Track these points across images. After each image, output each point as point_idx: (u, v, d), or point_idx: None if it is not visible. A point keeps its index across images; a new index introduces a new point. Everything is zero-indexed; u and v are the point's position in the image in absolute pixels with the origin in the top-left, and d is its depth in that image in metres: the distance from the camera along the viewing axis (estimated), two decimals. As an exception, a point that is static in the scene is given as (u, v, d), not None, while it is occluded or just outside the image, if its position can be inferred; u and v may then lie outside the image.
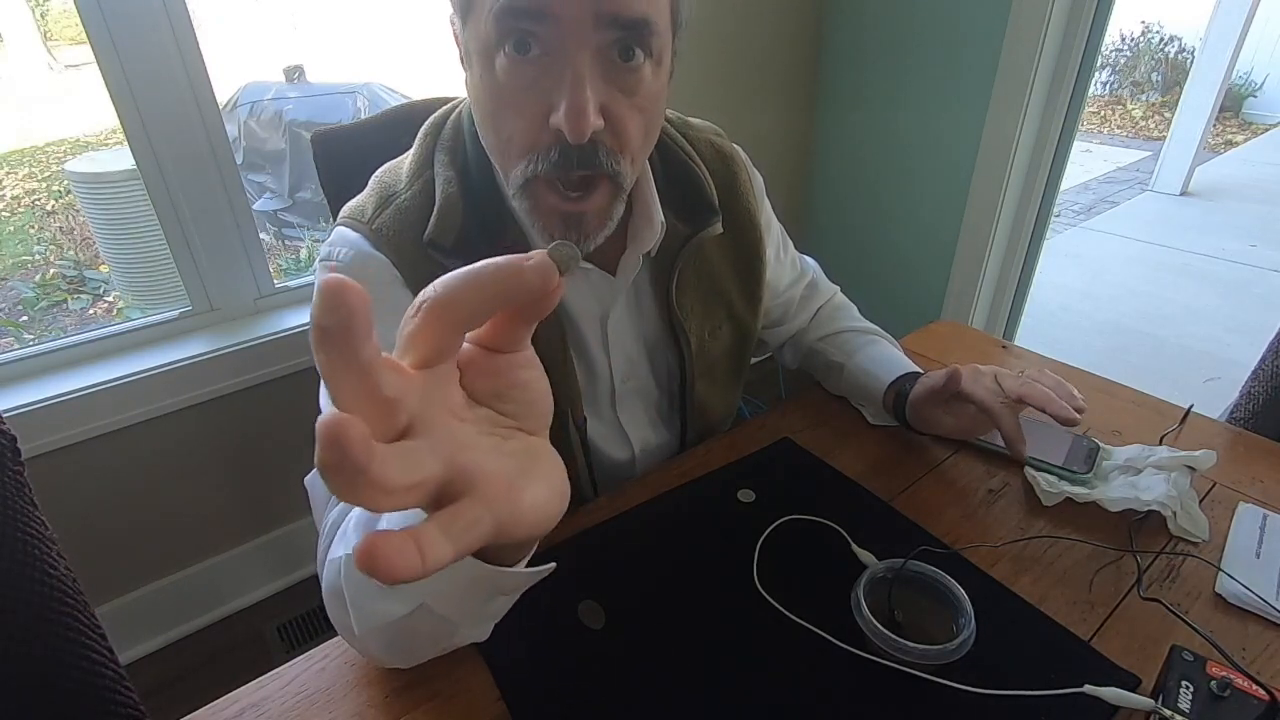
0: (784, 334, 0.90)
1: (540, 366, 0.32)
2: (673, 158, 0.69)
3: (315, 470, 0.57)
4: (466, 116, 0.63)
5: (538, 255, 0.27)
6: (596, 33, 0.48)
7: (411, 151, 0.64)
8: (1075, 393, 0.65)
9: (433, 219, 0.59)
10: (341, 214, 0.64)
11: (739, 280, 0.76)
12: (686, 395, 0.75)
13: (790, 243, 0.87)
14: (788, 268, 0.86)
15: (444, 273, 0.26)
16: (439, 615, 0.41)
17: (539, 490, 0.30)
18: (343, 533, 0.48)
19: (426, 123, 0.65)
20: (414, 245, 0.59)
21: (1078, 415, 0.63)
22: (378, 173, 0.65)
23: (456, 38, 0.56)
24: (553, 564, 0.40)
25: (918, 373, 0.78)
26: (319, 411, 0.61)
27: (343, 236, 0.61)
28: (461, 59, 0.57)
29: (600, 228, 0.56)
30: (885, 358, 0.81)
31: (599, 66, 0.49)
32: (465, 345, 0.29)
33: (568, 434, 0.68)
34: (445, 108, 0.66)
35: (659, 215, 0.64)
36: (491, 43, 0.50)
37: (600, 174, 0.53)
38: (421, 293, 0.26)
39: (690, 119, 0.76)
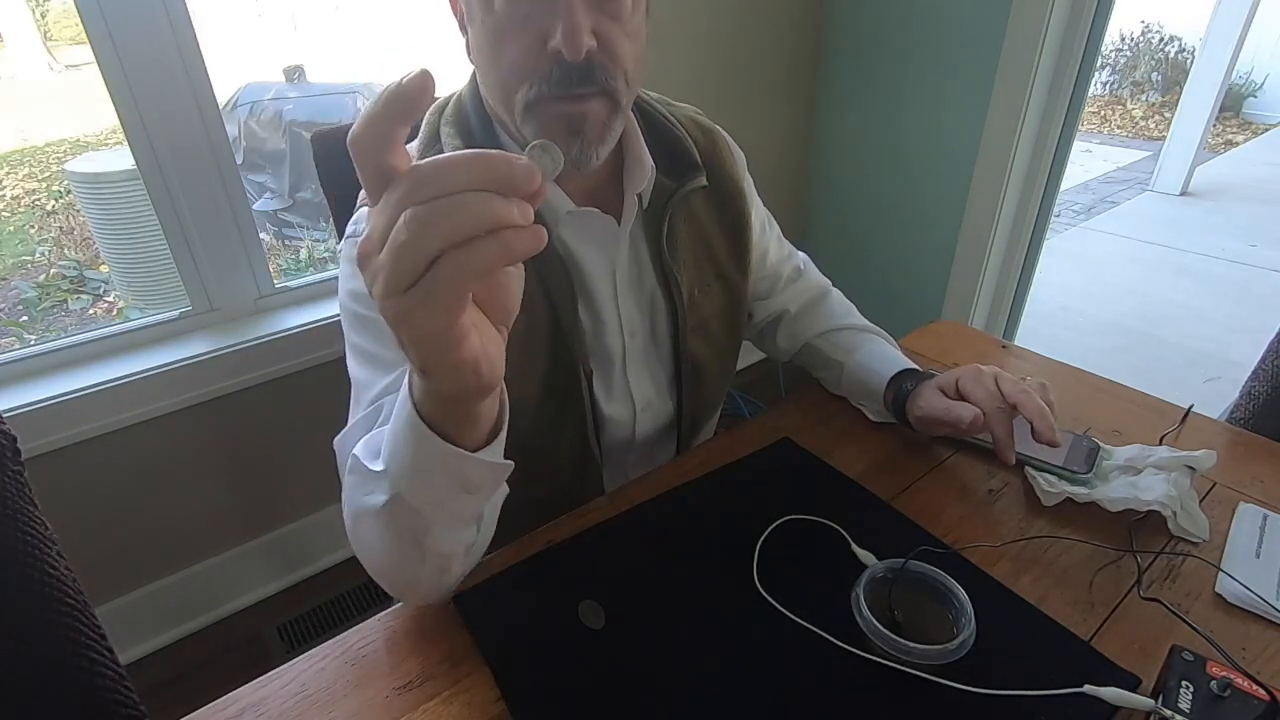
0: (768, 310, 0.91)
1: (521, 270, 0.38)
2: (656, 122, 0.73)
3: (345, 432, 0.60)
4: (466, 89, 0.67)
5: (525, 160, 0.32)
6: None
7: (419, 133, 0.67)
8: (1055, 425, 0.64)
9: None
10: (362, 197, 0.67)
11: (726, 241, 0.78)
12: (681, 349, 0.77)
13: (777, 226, 0.90)
14: (774, 243, 0.88)
15: None
16: (412, 506, 0.47)
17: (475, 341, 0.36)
18: (362, 444, 0.53)
19: (427, 111, 0.68)
20: None
21: (1057, 442, 0.64)
22: None
23: (454, 3, 0.61)
24: (510, 462, 0.49)
25: (914, 370, 0.78)
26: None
27: (365, 215, 0.65)
28: (461, 25, 0.61)
29: (600, 138, 0.60)
30: (884, 356, 0.81)
31: None
32: None
33: (578, 383, 0.70)
34: (443, 98, 0.69)
35: (648, 159, 0.69)
36: None
37: (598, 89, 0.57)
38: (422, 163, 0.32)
39: (673, 101, 0.79)
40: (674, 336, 0.77)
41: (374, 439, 0.52)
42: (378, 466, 0.48)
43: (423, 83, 0.31)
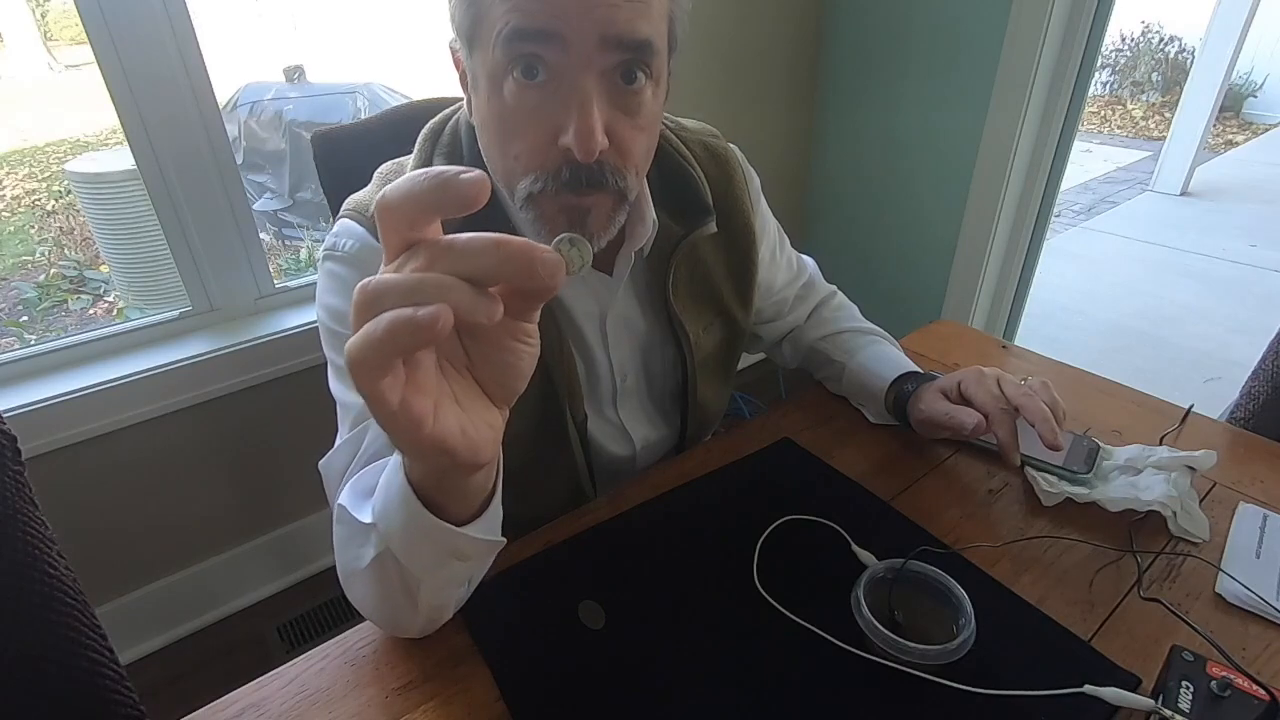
0: (776, 331, 0.91)
1: (536, 350, 0.36)
2: (667, 160, 0.69)
3: (330, 454, 0.58)
4: (464, 124, 0.63)
5: (551, 253, 0.30)
6: (601, 55, 0.50)
7: (412, 155, 0.65)
8: (1058, 429, 0.64)
9: None
10: (345, 206, 0.64)
11: (731, 280, 0.76)
12: (689, 393, 0.76)
13: (787, 240, 0.87)
14: (783, 267, 0.86)
15: None
16: (401, 565, 0.46)
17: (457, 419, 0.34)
18: (348, 489, 0.51)
19: (426, 127, 0.66)
20: None
21: (1060, 445, 0.63)
22: (381, 168, 0.66)
23: (459, 62, 0.58)
24: (503, 539, 0.47)
25: (917, 372, 0.78)
26: (323, 406, 0.61)
27: (347, 228, 0.62)
28: (464, 82, 0.58)
29: (604, 230, 0.57)
30: (886, 357, 0.81)
31: (603, 89, 0.51)
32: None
33: (567, 430, 0.69)
34: (445, 112, 0.67)
35: (651, 214, 0.65)
36: (500, 68, 0.51)
37: (605, 189, 0.54)
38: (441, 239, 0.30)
39: (684, 120, 0.76)
40: (680, 380, 0.76)
41: (361, 481, 0.51)
42: (367, 518, 0.47)
43: (478, 190, 0.29)
